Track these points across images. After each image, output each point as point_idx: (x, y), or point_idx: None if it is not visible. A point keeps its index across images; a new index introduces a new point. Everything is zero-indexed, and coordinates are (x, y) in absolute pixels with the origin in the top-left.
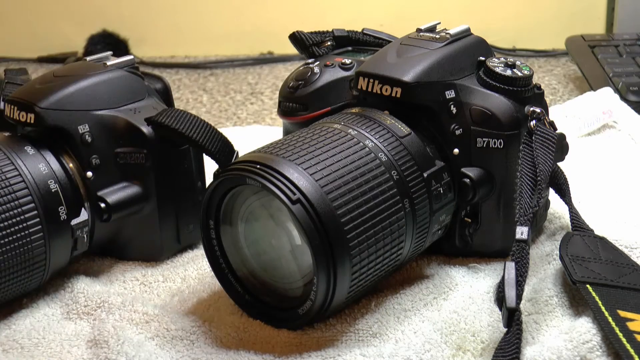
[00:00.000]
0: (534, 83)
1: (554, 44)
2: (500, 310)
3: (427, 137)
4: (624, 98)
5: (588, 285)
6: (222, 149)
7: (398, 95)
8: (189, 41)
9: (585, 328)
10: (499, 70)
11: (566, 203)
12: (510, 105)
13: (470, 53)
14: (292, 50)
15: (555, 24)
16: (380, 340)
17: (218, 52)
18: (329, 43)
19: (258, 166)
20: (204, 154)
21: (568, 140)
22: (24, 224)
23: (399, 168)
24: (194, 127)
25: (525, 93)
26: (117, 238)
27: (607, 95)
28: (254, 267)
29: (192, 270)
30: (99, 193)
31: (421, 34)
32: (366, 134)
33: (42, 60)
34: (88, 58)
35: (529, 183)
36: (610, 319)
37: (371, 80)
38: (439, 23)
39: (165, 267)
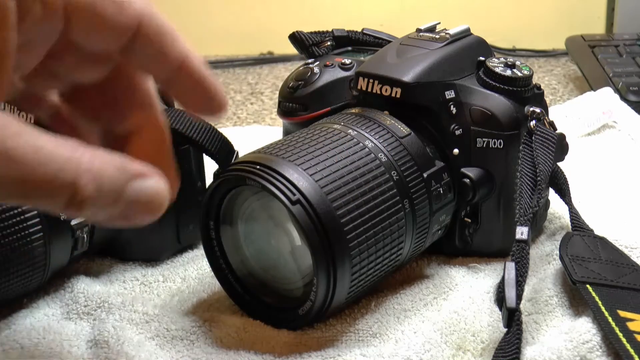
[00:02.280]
0: (534, 83)
1: (554, 44)
2: (500, 310)
3: (427, 137)
4: (624, 98)
5: (588, 285)
6: (222, 149)
7: (398, 95)
8: (189, 41)
9: (585, 328)
10: (498, 70)
11: (566, 203)
12: (510, 106)
13: (470, 53)
14: (292, 50)
15: (555, 24)
16: (380, 340)
17: (218, 52)
18: (328, 43)
19: (258, 167)
20: (204, 154)
21: (568, 140)
22: (24, 224)
23: (399, 168)
24: (193, 127)
25: (525, 93)
26: (117, 238)
27: (607, 95)
28: (253, 267)
29: (192, 270)
30: None
31: (421, 34)
32: (366, 134)
33: None
34: None
35: (529, 183)
36: (610, 319)
37: (371, 81)
38: (439, 23)
39: (165, 267)
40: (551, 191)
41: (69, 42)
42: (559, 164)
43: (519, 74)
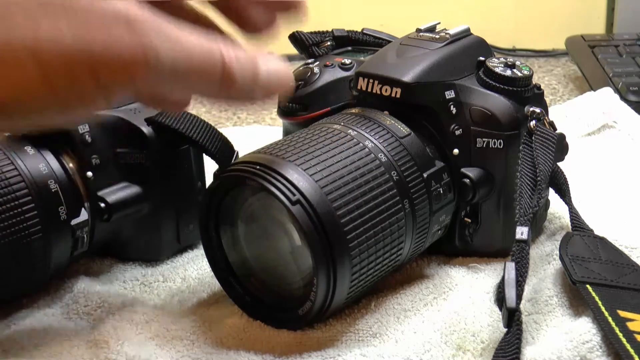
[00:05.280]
0: (534, 83)
1: (554, 44)
2: (500, 310)
3: (427, 137)
4: (624, 98)
5: (588, 285)
6: (222, 149)
7: (398, 95)
8: None
9: (585, 328)
10: (498, 70)
11: (566, 203)
12: (510, 106)
13: (470, 53)
14: (292, 50)
15: (555, 24)
16: (380, 340)
17: None
18: (328, 43)
19: (258, 167)
20: (204, 154)
21: (568, 140)
22: (24, 224)
23: (399, 168)
24: (194, 127)
25: (525, 93)
26: (117, 238)
27: (607, 95)
28: (254, 268)
29: (192, 270)
30: (99, 193)
31: (421, 34)
32: (366, 134)
33: None
34: None
35: (529, 183)
36: (610, 319)
37: (371, 81)
38: (439, 23)
39: (165, 267)
40: (551, 191)
41: None
42: (559, 164)
43: (519, 74)
